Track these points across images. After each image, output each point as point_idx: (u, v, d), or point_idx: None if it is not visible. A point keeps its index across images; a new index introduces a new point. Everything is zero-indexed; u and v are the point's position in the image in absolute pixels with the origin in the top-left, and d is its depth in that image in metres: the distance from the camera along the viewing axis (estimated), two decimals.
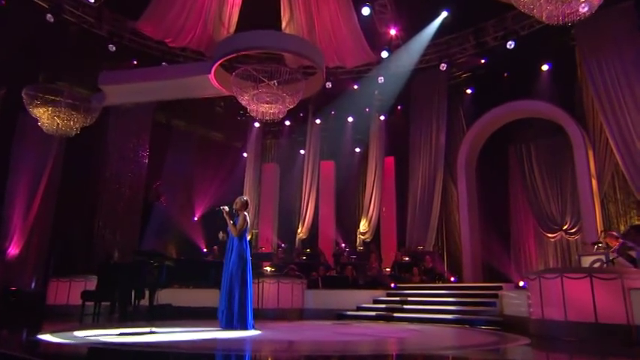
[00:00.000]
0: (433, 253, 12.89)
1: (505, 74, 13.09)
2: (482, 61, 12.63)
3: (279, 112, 11.12)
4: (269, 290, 9.74)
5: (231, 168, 16.03)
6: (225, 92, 11.95)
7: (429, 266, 12.31)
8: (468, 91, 13.78)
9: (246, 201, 7.18)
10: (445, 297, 9.58)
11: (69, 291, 10.24)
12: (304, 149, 15.87)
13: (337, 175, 15.63)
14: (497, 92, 13.31)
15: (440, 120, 14.01)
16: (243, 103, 11.25)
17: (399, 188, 14.94)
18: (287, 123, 15.67)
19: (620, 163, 10.97)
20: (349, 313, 9.87)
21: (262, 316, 9.51)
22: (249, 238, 15.35)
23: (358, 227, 14.97)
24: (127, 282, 8.71)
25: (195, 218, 15.85)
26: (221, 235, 7.47)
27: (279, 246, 15.24)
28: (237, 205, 7.09)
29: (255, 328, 6.62)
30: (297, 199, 16.00)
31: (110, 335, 5.56)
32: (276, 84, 10.72)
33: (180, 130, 15.87)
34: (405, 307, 9.45)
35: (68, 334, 5.67)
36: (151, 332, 6.01)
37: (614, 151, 11.04)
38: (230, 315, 6.58)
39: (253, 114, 11.23)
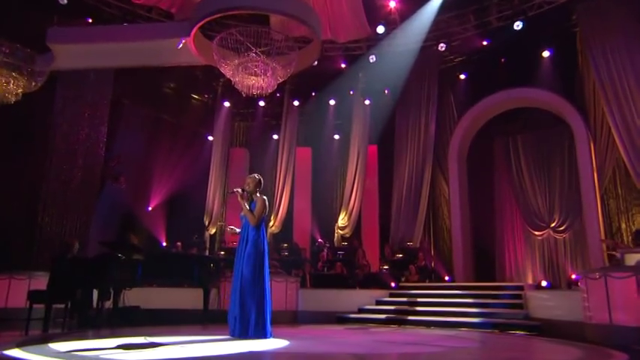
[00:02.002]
0: (425, 250, 12.16)
1: (502, 59, 12.54)
2: (485, 42, 11.97)
3: (268, 86, 9.89)
4: None
5: (195, 152, 14.52)
6: (201, 61, 10.52)
7: (422, 264, 11.57)
8: (462, 76, 13.11)
9: (260, 180, 5.96)
10: (459, 298, 8.78)
11: (8, 291, 8.50)
12: (278, 134, 14.65)
13: (314, 164, 14.54)
14: (493, 79, 12.75)
15: (430, 107, 13.26)
16: (227, 73, 9.92)
17: (382, 180, 14.09)
18: (261, 103, 14.39)
19: (623, 156, 10.60)
20: (351, 315, 8.86)
21: None
22: (213, 231, 14.12)
23: (336, 221, 13.98)
24: (92, 280, 7.23)
25: (150, 208, 14.21)
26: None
27: None
28: (249, 185, 5.86)
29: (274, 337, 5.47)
30: (269, 188, 14.71)
31: (106, 349, 4.21)
32: (258, 53, 9.50)
33: (132, 108, 14.09)
34: (418, 309, 8.57)
35: (43, 347, 4.27)
36: (153, 344, 4.69)
37: (618, 144, 10.66)
38: (245, 322, 5.35)
39: (238, 87, 9.92)
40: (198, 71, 14.17)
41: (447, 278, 11.61)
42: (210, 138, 14.89)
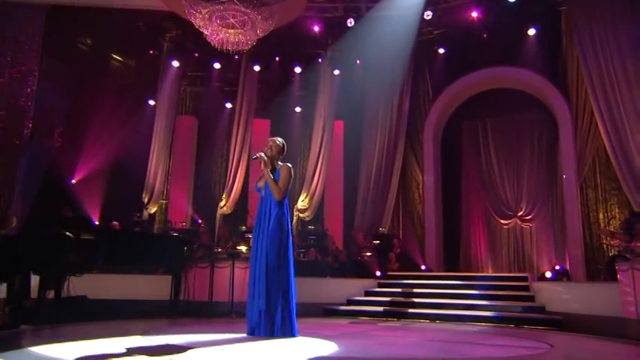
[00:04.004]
0: (400, 237, 11.67)
1: (485, 35, 12.18)
2: (474, 14, 11.50)
3: (246, 41, 8.81)
4: (238, 278, 7.49)
5: (135, 119, 12.91)
6: (163, 6, 9.17)
7: (397, 251, 11.07)
8: (440, 50, 12.60)
9: (284, 145, 5.04)
10: (460, 289, 8.25)
11: None
12: (232, 102, 13.41)
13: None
14: (474, 55, 12.38)
15: (405, 82, 12.71)
16: (197, 24, 8.68)
17: (347, 159, 13.36)
18: (216, 66, 13.04)
19: (605, 143, 10.52)
20: (340, 308, 8.07)
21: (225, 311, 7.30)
22: (154, 209, 12.73)
23: (296, 203, 13.08)
24: (36, 264, 5.90)
25: (79, 180, 12.49)
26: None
27: (194, 221, 12.70)
28: (271, 150, 4.91)
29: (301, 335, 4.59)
30: (221, 164, 13.53)
31: (121, 356, 3.13)
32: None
33: (55, 63, 12.13)
34: (415, 300, 7.96)
35: (27, 354, 3.12)
36: (179, 348, 3.61)
37: (601, 130, 10.59)
38: (271, 317, 4.42)
39: (210, 40, 8.73)
40: (142, 22, 12.59)
41: (423, 267, 11.18)
42: (152, 102, 13.35)
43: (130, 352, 3.29)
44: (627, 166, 10.21)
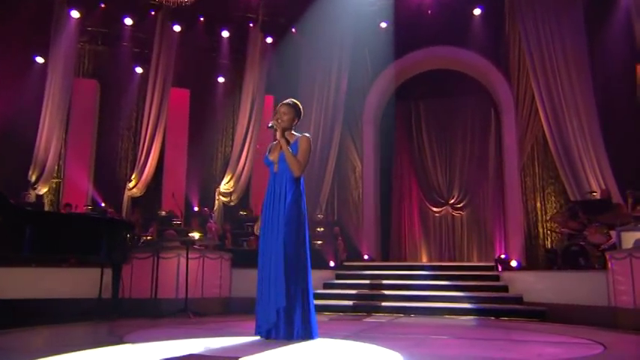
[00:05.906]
0: (340, 225, 11.15)
1: (429, 11, 11.96)
2: None
3: None
4: (191, 270, 6.39)
5: (19, 79, 10.95)
6: None
7: (340, 239, 10.56)
8: (383, 24, 12.17)
9: (300, 108, 4.22)
10: (430, 280, 7.85)
11: None
12: (145, 66, 11.91)
13: (193, 112, 12.22)
14: (417, 32, 12.12)
15: (343, 58, 12.15)
16: None
17: None
18: (128, 22, 11.44)
19: (545, 129, 10.74)
20: None
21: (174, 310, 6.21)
22: (44, 190, 10.98)
23: (218, 186, 12.01)
24: None
25: None
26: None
27: (96, 203, 11.11)
28: (284, 117, 4.06)
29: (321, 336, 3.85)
30: (129, 138, 11.99)
31: None
32: None
33: None
34: (386, 293, 7.43)
35: None
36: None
37: (541, 117, 10.77)
38: (290, 317, 3.63)
39: None
40: None
41: (365, 257, 10.76)
42: (41, 60, 11.44)
43: None
44: (565, 153, 10.49)
